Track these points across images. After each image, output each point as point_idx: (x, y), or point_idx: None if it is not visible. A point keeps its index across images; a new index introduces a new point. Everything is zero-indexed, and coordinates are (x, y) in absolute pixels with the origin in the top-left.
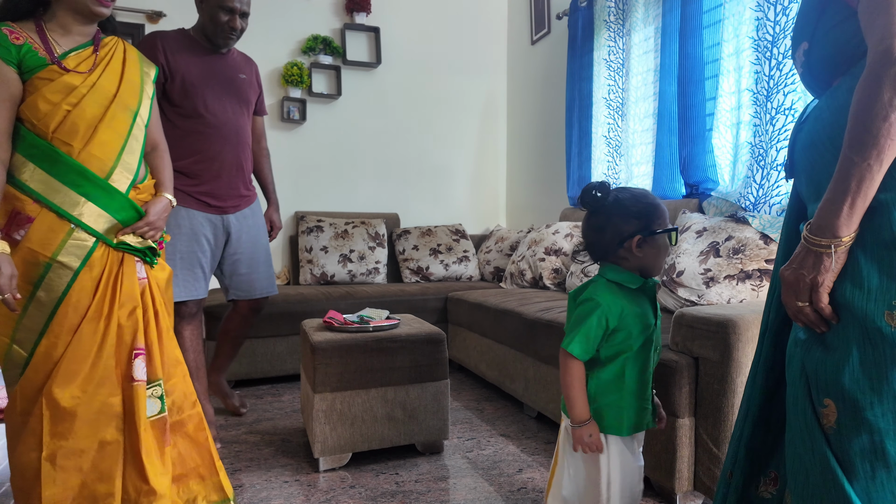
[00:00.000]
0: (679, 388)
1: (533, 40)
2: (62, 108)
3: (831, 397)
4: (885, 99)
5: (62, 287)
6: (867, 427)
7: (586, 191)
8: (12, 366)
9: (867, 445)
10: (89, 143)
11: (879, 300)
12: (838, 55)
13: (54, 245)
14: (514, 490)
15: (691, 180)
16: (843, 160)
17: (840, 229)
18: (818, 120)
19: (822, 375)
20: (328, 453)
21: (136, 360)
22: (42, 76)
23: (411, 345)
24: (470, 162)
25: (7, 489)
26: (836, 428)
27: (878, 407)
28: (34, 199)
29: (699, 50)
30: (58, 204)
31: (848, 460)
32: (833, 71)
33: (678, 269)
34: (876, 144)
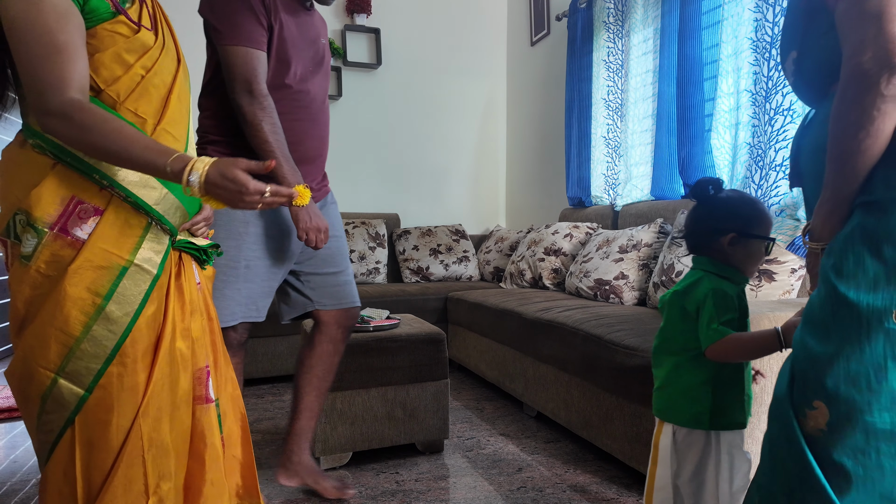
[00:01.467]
0: None
1: (532, 41)
2: (136, 71)
3: (822, 398)
4: (853, 118)
5: (139, 297)
6: (863, 428)
7: (701, 183)
8: (57, 407)
9: (861, 447)
10: (163, 117)
11: (887, 300)
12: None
13: (131, 243)
14: (513, 489)
15: (690, 181)
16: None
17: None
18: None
19: (814, 376)
20: (329, 452)
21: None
22: (109, 28)
23: (411, 344)
24: (470, 162)
25: (7, 489)
26: (825, 430)
27: (877, 407)
28: (104, 185)
29: (698, 51)
30: (135, 192)
31: (838, 463)
32: (829, 76)
33: (677, 269)
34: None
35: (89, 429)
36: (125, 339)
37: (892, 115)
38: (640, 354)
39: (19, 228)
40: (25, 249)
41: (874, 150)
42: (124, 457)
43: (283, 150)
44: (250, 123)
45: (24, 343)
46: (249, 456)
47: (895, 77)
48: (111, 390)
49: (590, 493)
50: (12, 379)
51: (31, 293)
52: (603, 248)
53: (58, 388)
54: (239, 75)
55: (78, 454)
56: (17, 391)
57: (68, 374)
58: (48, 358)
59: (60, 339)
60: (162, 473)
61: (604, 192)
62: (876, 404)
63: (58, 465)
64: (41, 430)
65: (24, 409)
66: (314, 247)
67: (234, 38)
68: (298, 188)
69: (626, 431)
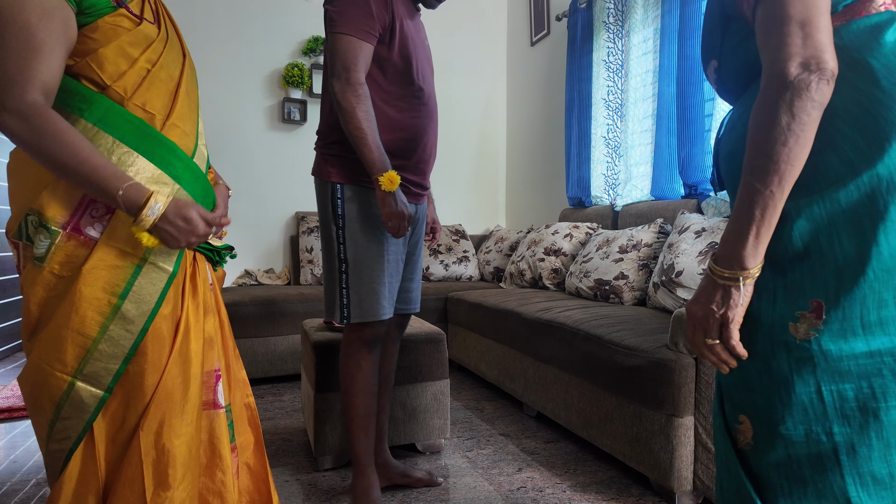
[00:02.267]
0: (679, 388)
1: (532, 41)
2: (142, 65)
3: (746, 413)
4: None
5: (156, 296)
6: (782, 441)
7: None
8: (75, 412)
9: (783, 460)
10: (172, 112)
11: (785, 312)
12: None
13: None
14: (513, 489)
15: (690, 181)
16: (745, 187)
17: (747, 260)
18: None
19: (737, 391)
20: (328, 453)
21: (217, 384)
22: (110, 21)
23: (411, 345)
24: (470, 162)
25: (7, 489)
26: (752, 444)
27: (790, 420)
28: None
29: (698, 51)
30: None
31: (765, 477)
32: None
33: (677, 269)
34: (777, 170)
35: (112, 428)
36: (142, 338)
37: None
38: (640, 354)
39: (31, 230)
40: (38, 251)
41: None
42: (129, 457)
43: (374, 137)
44: (344, 109)
45: (38, 347)
46: (263, 464)
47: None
48: (129, 389)
49: (589, 493)
50: (25, 385)
51: (45, 295)
52: (603, 248)
53: (75, 391)
54: (339, 61)
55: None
56: (28, 398)
57: (86, 376)
58: (64, 361)
59: (77, 341)
60: (161, 481)
61: (604, 193)
62: (789, 417)
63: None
64: (55, 438)
65: (34, 418)
66: (395, 234)
67: (342, 26)
68: (389, 174)
69: (626, 432)
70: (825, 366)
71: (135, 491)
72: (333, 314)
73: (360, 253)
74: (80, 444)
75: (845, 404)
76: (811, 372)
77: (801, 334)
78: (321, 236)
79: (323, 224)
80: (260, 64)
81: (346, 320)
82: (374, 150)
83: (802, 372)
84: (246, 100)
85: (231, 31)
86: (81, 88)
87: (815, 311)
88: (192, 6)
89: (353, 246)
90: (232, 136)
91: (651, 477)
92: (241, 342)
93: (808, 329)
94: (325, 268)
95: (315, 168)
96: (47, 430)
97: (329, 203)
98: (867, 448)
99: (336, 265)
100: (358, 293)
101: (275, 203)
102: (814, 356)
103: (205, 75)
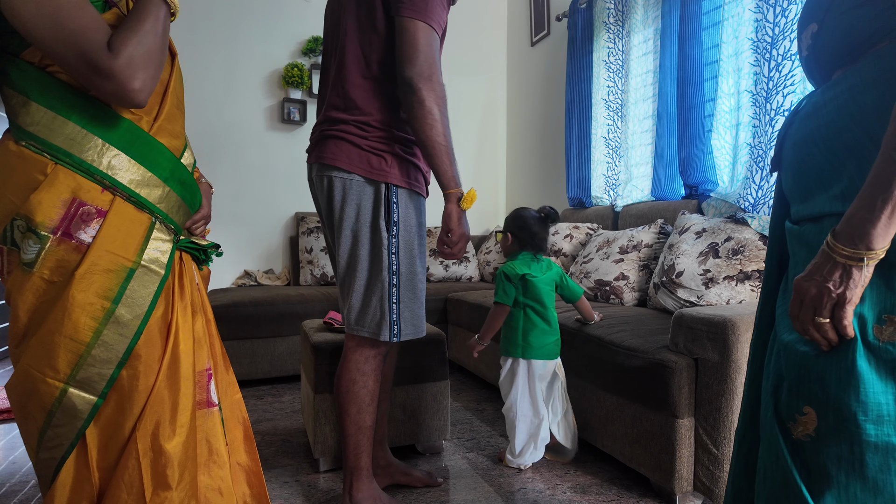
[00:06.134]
0: (679, 389)
1: (532, 42)
2: None
3: (812, 405)
4: None
5: (149, 299)
6: (849, 436)
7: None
8: (67, 419)
9: (846, 454)
10: (161, 113)
11: (872, 312)
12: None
13: (136, 244)
14: (513, 490)
15: (691, 181)
16: (887, 163)
17: (876, 240)
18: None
19: (806, 381)
20: (328, 454)
21: (210, 383)
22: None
23: (411, 345)
24: (470, 163)
25: (7, 489)
26: (813, 436)
27: (862, 416)
28: (105, 185)
29: (698, 51)
30: (137, 191)
31: (821, 468)
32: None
33: (677, 269)
34: None
35: (106, 433)
36: (136, 342)
37: None
38: (640, 355)
39: (17, 235)
40: (27, 256)
41: None
42: (125, 460)
43: (451, 147)
44: (430, 113)
45: (27, 353)
46: (255, 462)
47: None
48: (124, 393)
49: (590, 494)
50: (13, 393)
51: (35, 301)
52: (603, 248)
53: (68, 397)
54: (423, 55)
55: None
56: (17, 406)
57: (79, 382)
58: (56, 367)
59: (70, 347)
60: (160, 482)
61: (604, 193)
62: (862, 415)
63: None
64: (45, 446)
65: (23, 426)
66: (453, 256)
67: (429, 17)
68: (471, 191)
69: (626, 432)
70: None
71: (133, 494)
72: (379, 330)
73: (414, 265)
74: (72, 452)
75: None
76: (891, 374)
77: (885, 336)
78: (356, 240)
79: (365, 227)
80: (259, 64)
81: (396, 338)
82: (454, 163)
83: (882, 373)
84: (245, 100)
85: (231, 32)
86: (68, 89)
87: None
88: (192, 6)
89: (408, 256)
90: (231, 136)
91: (651, 478)
92: (241, 343)
93: (894, 332)
94: (358, 276)
95: (366, 166)
96: (38, 438)
97: (382, 205)
98: None
99: (385, 276)
100: (411, 308)
101: (274, 203)
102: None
103: (204, 75)
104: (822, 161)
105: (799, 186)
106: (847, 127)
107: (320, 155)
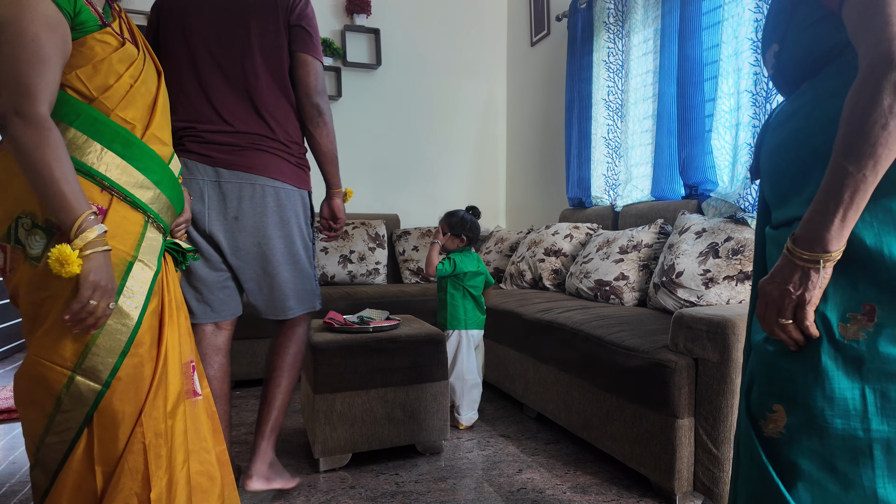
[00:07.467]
0: (679, 389)
1: (532, 42)
2: (126, 80)
3: (782, 402)
4: (885, 105)
5: (145, 291)
6: (818, 432)
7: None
8: (75, 405)
9: (816, 449)
10: (151, 123)
11: (835, 310)
12: (809, 57)
13: (133, 240)
14: (513, 490)
15: (690, 181)
16: (836, 169)
17: (830, 243)
18: (785, 125)
19: (775, 379)
20: (328, 454)
21: (194, 373)
22: (99, 38)
23: (411, 345)
24: (470, 163)
25: (7, 489)
26: (783, 433)
27: (829, 412)
28: (104, 185)
29: (698, 51)
30: (132, 192)
31: (793, 464)
32: (803, 73)
33: (677, 269)
34: (873, 154)
35: (106, 420)
36: (137, 332)
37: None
38: (640, 355)
39: (22, 232)
40: (34, 251)
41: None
42: (131, 446)
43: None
44: (330, 128)
45: (35, 344)
46: (225, 453)
47: None
48: (126, 381)
49: (590, 494)
50: (21, 381)
51: (43, 293)
52: (603, 248)
53: (75, 385)
54: (322, 84)
55: (96, 446)
56: (24, 394)
57: (85, 370)
58: (64, 356)
59: (76, 337)
60: (160, 464)
61: (604, 193)
62: (829, 410)
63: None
64: (54, 430)
65: (29, 413)
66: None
67: (321, 56)
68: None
69: (626, 433)
70: (871, 366)
71: (136, 479)
72: (315, 302)
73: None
74: (80, 437)
75: (887, 404)
76: (856, 370)
77: (849, 334)
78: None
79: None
80: None
81: (320, 304)
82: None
83: (848, 369)
84: None
85: None
86: (69, 98)
87: (867, 315)
88: None
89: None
90: None
91: (651, 478)
92: (241, 343)
93: (858, 330)
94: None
95: (296, 178)
96: (45, 423)
97: (310, 208)
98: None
99: (313, 261)
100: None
101: None
102: (861, 356)
103: None
104: (794, 168)
105: (775, 193)
106: (814, 134)
107: (249, 165)
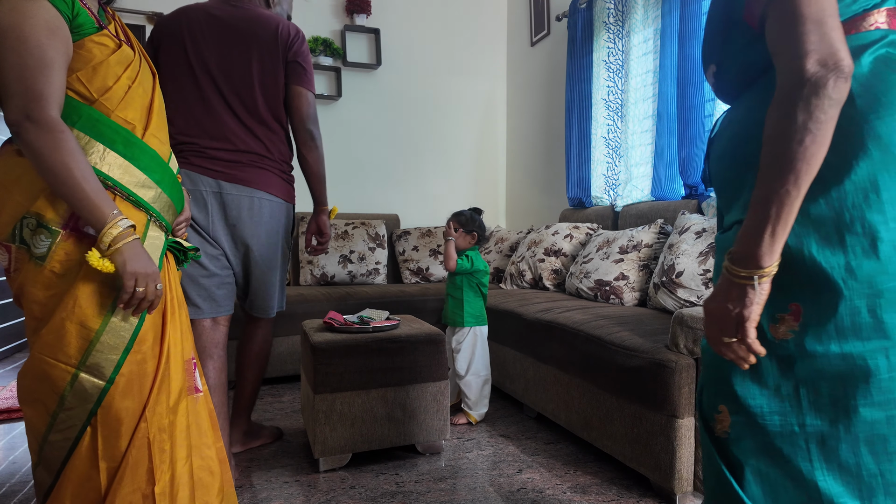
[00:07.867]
0: (679, 389)
1: (532, 42)
2: (124, 82)
3: (726, 403)
4: (800, 122)
5: None
6: (759, 430)
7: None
8: (79, 401)
9: (759, 446)
10: (150, 124)
11: (764, 312)
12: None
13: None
14: (513, 490)
15: (690, 181)
16: (761, 186)
17: (762, 259)
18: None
19: (717, 383)
20: (328, 454)
21: (195, 370)
22: (97, 41)
23: (411, 345)
24: (470, 163)
25: (7, 489)
26: (729, 432)
27: (767, 410)
28: (107, 185)
29: (698, 51)
30: (135, 191)
31: (742, 462)
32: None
33: (677, 269)
34: (793, 169)
35: (110, 416)
36: (140, 329)
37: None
38: (640, 355)
39: (26, 232)
40: (39, 250)
41: (819, 157)
42: (135, 441)
43: None
44: (321, 151)
45: (39, 342)
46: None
47: (840, 81)
48: (130, 378)
49: (590, 494)
50: (25, 379)
51: (46, 293)
52: (603, 248)
53: (79, 382)
54: (315, 112)
55: (100, 442)
56: (28, 392)
57: (89, 367)
58: (68, 353)
59: (81, 334)
60: (163, 458)
61: (604, 193)
62: (766, 408)
63: (83, 459)
64: (58, 428)
65: (32, 411)
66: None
67: (314, 88)
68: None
69: (627, 433)
70: (801, 364)
71: (140, 475)
72: (283, 304)
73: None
74: (84, 435)
75: (819, 399)
76: (788, 368)
77: (779, 334)
78: (280, 247)
79: (288, 238)
80: None
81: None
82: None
83: (780, 368)
84: None
85: None
86: (71, 100)
87: (793, 314)
88: None
89: None
90: None
91: (651, 478)
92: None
93: (787, 330)
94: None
95: (286, 193)
96: (49, 420)
97: (294, 221)
98: (836, 440)
99: (286, 269)
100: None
101: None
102: (791, 354)
103: None
104: (732, 174)
105: (721, 198)
106: (747, 140)
107: (249, 180)
